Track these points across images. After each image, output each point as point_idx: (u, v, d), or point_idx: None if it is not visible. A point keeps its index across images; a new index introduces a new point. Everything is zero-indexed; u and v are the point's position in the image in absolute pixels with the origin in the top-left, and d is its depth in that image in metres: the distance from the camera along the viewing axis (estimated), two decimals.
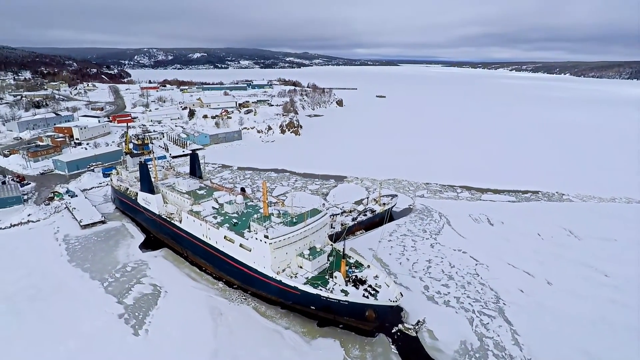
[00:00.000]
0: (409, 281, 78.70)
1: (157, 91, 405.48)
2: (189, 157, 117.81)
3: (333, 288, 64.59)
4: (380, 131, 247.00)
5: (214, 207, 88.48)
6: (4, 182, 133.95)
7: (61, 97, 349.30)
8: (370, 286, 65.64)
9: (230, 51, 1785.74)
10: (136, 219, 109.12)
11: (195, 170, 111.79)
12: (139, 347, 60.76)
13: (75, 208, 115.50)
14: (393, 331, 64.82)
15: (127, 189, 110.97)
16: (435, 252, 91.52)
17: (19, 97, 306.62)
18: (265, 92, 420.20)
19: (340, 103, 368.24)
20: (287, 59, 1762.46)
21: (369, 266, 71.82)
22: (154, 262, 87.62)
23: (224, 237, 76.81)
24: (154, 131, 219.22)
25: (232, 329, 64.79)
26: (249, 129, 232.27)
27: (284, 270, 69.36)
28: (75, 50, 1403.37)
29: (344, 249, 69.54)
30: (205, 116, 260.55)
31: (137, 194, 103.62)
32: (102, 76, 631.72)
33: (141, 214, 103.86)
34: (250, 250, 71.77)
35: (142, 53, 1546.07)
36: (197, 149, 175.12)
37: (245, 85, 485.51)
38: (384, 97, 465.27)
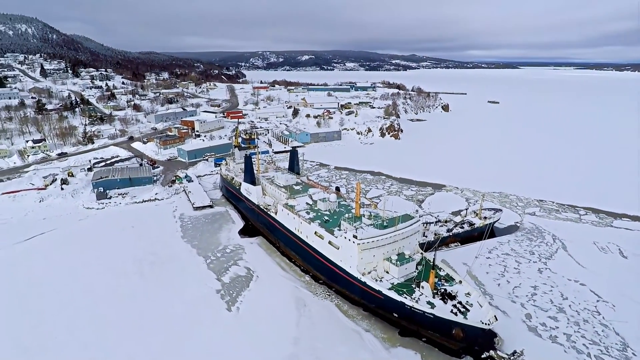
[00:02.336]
0: (508, 306, 71.39)
1: (266, 91, 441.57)
2: (289, 153, 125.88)
3: (419, 298, 62.49)
4: (489, 139, 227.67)
5: (307, 203, 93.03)
6: (141, 164, 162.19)
7: (188, 94, 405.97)
8: (460, 303, 61.63)
9: (336, 54, 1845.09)
10: (238, 207, 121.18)
11: (293, 166, 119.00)
12: (230, 322, 67.78)
13: (190, 191, 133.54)
14: (483, 357, 59.70)
15: (233, 178, 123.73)
16: (543, 278, 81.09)
17: (158, 94, 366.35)
18: (367, 94, 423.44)
19: (445, 108, 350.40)
20: (393, 62, 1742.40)
21: (460, 282, 67.46)
22: (250, 248, 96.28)
23: (314, 233, 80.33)
24: (261, 127, 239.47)
25: (314, 322, 67.64)
26: (348, 130, 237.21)
27: (369, 273, 69.58)
28: (203, 54, 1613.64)
29: (434, 259, 66.61)
30: (307, 115, 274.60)
31: (240, 184, 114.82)
32: (222, 76, 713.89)
33: (243, 202, 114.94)
34: (338, 248, 73.76)
35: (257, 56, 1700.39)
36: (298, 147, 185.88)
37: (349, 87, 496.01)
38: (497, 102, 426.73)
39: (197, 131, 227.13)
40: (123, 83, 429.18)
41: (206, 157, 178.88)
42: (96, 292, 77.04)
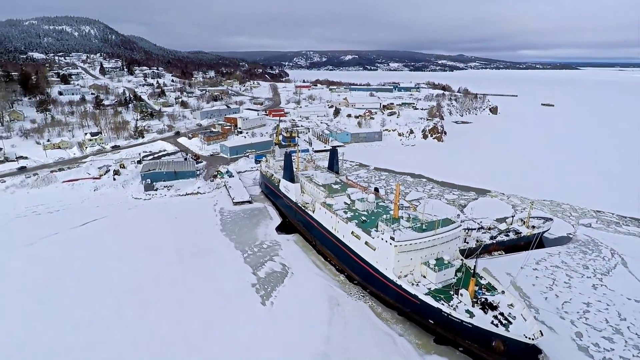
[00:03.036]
0: (556, 322, 66.99)
1: (308, 90, 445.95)
2: (329, 152, 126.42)
3: (457, 306, 60.38)
4: (540, 144, 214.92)
5: (345, 203, 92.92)
6: (186, 159, 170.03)
7: (232, 92, 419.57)
8: (502, 314, 58.77)
9: (380, 53, 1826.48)
10: (276, 203, 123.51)
11: (333, 165, 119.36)
12: (263, 315, 69.28)
13: (231, 187, 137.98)
14: None
15: (272, 175, 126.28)
16: (598, 295, 75.24)
17: (204, 91, 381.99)
18: (411, 95, 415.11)
19: (494, 110, 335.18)
20: (439, 62, 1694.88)
21: (503, 292, 64.30)
22: (286, 245, 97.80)
23: (351, 232, 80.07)
24: (302, 126, 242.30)
25: (347, 321, 67.48)
26: (390, 130, 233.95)
27: (405, 276, 68.28)
28: (248, 54, 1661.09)
29: (475, 266, 64.01)
30: (349, 115, 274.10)
31: (280, 181, 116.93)
32: (266, 75, 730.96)
33: (281, 199, 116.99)
34: (374, 250, 73.04)
35: (300, 55, 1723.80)
36: (338, 146, 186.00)
37: (392, 87, 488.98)
38: (552, 105, 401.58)
39: (240, 128, 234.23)
40: (172, 81, 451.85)
41: (247, 154, 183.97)
42: (141, 277, 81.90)
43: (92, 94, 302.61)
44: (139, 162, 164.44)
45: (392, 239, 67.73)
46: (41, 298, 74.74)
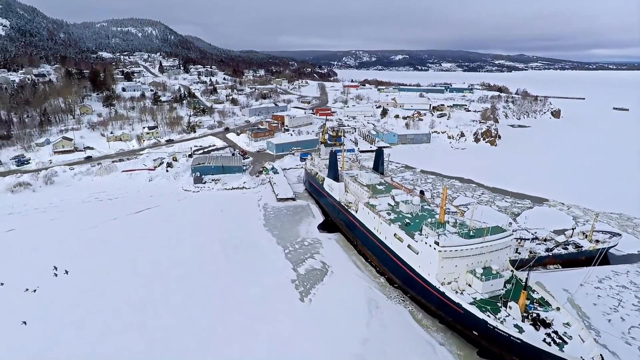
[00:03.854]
0: (620, 347, 61.22)
1: (356, 89, 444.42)
2: (374, 153, 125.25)
3: (504, 319, 57.19)
4: (610, 151, 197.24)
5: (389, 204, 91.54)
6: (233, 154, 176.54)
7: (281, 90, 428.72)
8: (556, 333, 54.77)
9: (432, 53, 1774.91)
10: (319, 202, 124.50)
11: (378, 166, 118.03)
12: (301, 312, 70.18)
13: (275, 183, 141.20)
14: None
15: (317, 173, 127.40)
16: None
17: (254, 89, 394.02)
18: (463, 96, 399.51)
19: (556, 114, 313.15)
20: (497, 62, 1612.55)
21: (558, 309, 59.88)
22: (327, 243, 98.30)
23: (394, 235, 78.70)
24: (348, 126, 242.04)
25: (385, 325, 66.46)
26: (439, 133, 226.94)
27: (449, 283, 65.89)
28: (298, 53, 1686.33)
29: (527, 279, 60.23)
30: (396, 116, 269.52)
31: (324, 179, 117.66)
32: (314, 75, 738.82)
33: (324, 198, 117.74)
34: (417, 254, 71.25)
35: (349, 55, 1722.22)
36: (384, 147, 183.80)
37: (443, 88, 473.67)
38: (626, 110, 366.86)
39: (287, 126, 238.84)
40: (224, 79, 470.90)
41: (293, 151, 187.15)
42: (187, 265, 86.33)
43: (151, 90, 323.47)
44: (190, 155, 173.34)
45: (437, 243, 65.66)
46: (101, 278, 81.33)
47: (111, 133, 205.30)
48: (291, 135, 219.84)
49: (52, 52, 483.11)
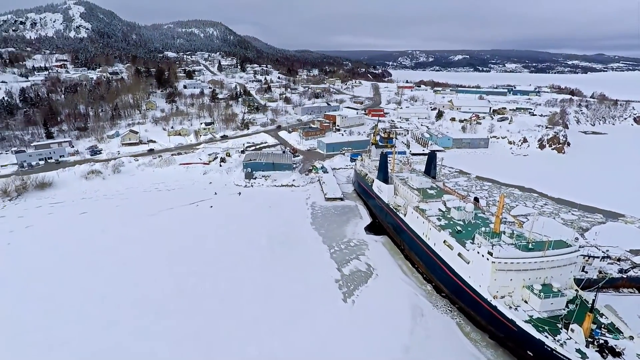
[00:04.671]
0: None
1: (411, 90, 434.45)
2: (427, 156, 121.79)
3: (565, 342, 52.92)
4: None
5: (440, 209, 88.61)
6: (284, 152, 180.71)
7: (334, 90, 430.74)
8: None
9: (495, 53, 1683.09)
10: (368, 203, 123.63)
11: (430, 169, 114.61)
12: (344, 312, 70.24)
13: (324, 182, 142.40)
14: None
15: (366, 175, 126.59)
16: None
17: (307, 88, 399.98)
18: (529, 99, 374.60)
19: (639, 120, 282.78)
20: (569, 62, 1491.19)
21: (632, 338, 54.20)
22: (373, 245, 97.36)
23: (443, 241, 76.10)
24: (401, 127, 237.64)
25: (430, 334, 64.45)
26: (498, 138, 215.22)
27: (502, 297, 62.33)
28: (352, 53, 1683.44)
29: (594, 301, 55.23)
30: (452, 119, 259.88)
31: (373, 181, 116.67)
32: (368, 75, 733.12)
33: (373, 199, 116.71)
34: (468, 263, 68.29)
35: (405, 55, 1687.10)
36: (437, 150, 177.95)
37: (506, 90, 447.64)
38: None
39: (338, 126, 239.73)
40: (279, 78, 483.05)
41: (343, 151, 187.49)
42: (235, 257, 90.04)
43: (209, 88, 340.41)
44: (243, 151, 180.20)
45: (490, 254, 62.43)
46: (157, 263, 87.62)
47: (172, 128, 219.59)
48: (342, 135, 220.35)
49: (125, 52, 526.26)
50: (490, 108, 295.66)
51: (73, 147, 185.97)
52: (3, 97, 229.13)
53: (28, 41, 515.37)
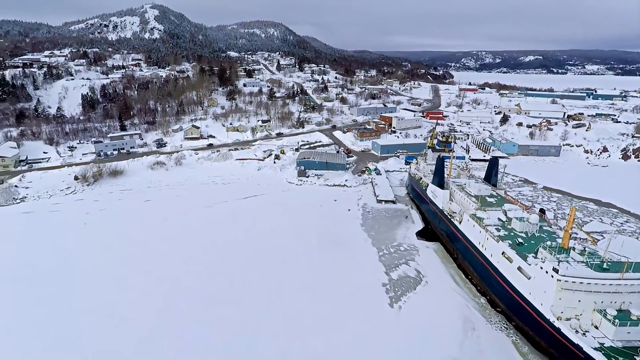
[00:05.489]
0: None
1: (474, 93, 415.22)
2: (488, 162, 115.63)
3: None
4: None
5: (499, 219, 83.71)
6: (338, 152, 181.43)
7: (391, 91, 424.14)
8: None
9: (573, 53, 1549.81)
10: (421, 208, 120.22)
11: (491, 177, 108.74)
12: (390, 317, 68.94)
13: (377, 184, 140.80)
14: None
15: (421, 178, 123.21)
16: None
17: (363, 89, 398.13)
18: (612, 104, 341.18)
19: None
20: None
21: None
22: (424, 252, 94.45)
23: (502, 253, 71.78)
24: (460, 131, 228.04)
25: (481, 350, 61.06)
26: (573, 146, 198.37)
27: (567, 319, 57.32)
28: (412, 53, 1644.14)
29: None
30: (519, 124, 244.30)
31: (428, 185, 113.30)
32: (428, 76, 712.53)
33: (426, 204, 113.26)
34: (528, 278, 63.76)
35: (469, 56, 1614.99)
36: (500, 157, 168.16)
37: (584, 94, 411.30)
38: None
39: (394, 127, 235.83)
40: (335, 78, 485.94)
41: (398, 154, 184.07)
42: (283, 253, 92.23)
43: (267, 86, 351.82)
44: (297, 150, 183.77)
45: (555, 270, 57.77)
46: (211, 253, 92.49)
47: (230, 124, 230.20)
48: (398, 137, 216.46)
49: (191, 51, 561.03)
50: (565, 113, 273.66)
51: (142, 139, 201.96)
52: (87, 93, 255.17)
53: (110, 42, 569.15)
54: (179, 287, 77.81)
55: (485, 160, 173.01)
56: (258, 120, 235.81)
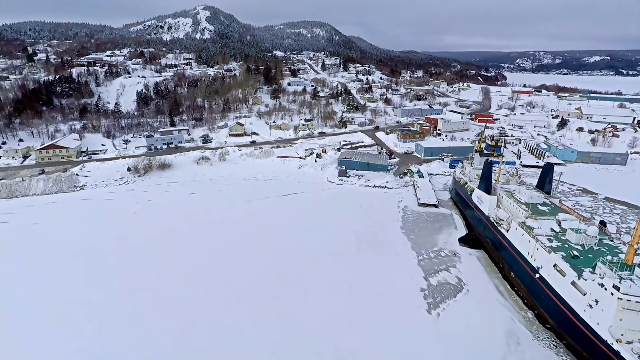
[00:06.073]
0: None
1: (528, 95, 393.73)
2: (541, 169, 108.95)
3: None
4: None
5: (552, 229, 78.64)
6: (380, 153, 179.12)
7: (438, 93, 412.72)
8: None
9: None
10: (464, 213, 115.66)
11: (544, 184, 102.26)
12: (427, 324, 66.78)
13: (419, 187, 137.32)
14: None
15: (466, 183, 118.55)
16: None
17: (409, 90, 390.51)
18: None
19: None
20: None
21: None
22: (467, 259, 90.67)
23: (553, 266, 67.24)
24: (512, 136, 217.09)
25: None
26: None
27: (629, 343, 52.50)
28: (462, 54, 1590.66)
29: None
30: (579, 129, 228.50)
31: (473, 190, 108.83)
32: (478, 78, 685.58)
33: (471, 210, 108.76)
34: (584, 295, 59.16)
35: (525, 56, 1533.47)
36: (556, 164, 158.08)
37: None
38: None
39: (439, 130, 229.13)
40: (380, 78, 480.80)
41: (442, 157, 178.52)
42: (321, 251, 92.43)
43: (311, 86, 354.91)
44: (338, 149, 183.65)
45: (616, 288, 53.23)
46: (249, 248, 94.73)
47: (273, 122, 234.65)
48: (443, 140, 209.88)
49: (239, 51, 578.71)
50: (634, 118, 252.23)
51: (189, 134, 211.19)
52: (141, 90, 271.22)
53: (164, 42, 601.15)
54: (218, 277, 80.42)
55: (538, 167, 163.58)
56: (301, 119, 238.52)
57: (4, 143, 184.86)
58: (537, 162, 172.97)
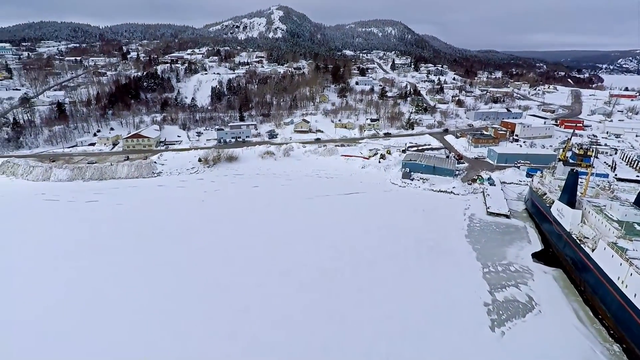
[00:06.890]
0: None
1: (631, 100, 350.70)
2: None
3: None
4: None
5: None
6: (447, 157, 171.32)
7: (518, 95, 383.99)
8: None
9: None
10: (541, 227, 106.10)
11: None
12: (490, 342, 62.27)
13: (489, 195, 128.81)
14: None
15: (545, 194, 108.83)
16: None
17: (485, 92, 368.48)
18: None
19: None
20: None
21: None
22: (541, 277, 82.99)
23: None
24: (605, 145, 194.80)
25: None
26: None
27: None
28: (550, 53, 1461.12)
29: None
30: None
31: (553, 202, 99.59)
32: (568, 80, 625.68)
33: (548, 224, 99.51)
34: None
35: (629, 56, 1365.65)
36: None
37: None
38: None
39: (517, 135, 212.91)
40: (454, 79, 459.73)
41: (518, 164, 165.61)
42: (378, 251, 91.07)
43: (379, 86, 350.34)
44: (403, 151, 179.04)
45: None
46: (306, 243, 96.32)
47: (339, 120, 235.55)
48: (520, 146, 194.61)
49: (309, 50, 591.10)
50: None
51: (257, 129, 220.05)
52: (216, 86, 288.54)
53: (239, 41, 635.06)
54: (274, 269, 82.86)
55: (637, 182, 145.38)
56: (367, 119, 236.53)
57: (98, 131, 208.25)
58: (637, 177, 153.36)
